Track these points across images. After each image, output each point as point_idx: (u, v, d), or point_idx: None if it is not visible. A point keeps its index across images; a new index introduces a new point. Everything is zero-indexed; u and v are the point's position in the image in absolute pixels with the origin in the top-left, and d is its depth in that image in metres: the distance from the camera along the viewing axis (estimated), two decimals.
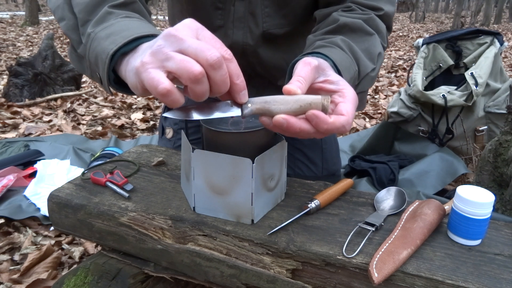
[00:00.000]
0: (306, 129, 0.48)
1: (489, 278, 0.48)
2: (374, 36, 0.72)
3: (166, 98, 0.43)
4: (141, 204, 0.63)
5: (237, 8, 0.82)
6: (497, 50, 1.62)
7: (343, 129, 0.49)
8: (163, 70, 0.43)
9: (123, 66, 0.51)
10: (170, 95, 0.42)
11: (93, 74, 0.59)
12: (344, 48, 0.64)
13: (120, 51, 0.50)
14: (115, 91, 0.57)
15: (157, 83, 0.42)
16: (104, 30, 0.55)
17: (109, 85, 0.54)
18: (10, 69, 2.62)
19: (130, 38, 0.50)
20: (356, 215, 0.61)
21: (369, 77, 0.69)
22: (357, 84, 0.66)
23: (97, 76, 0.57)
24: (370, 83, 0.71)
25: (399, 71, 4.06)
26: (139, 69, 0.44)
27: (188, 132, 0.99)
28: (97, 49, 0.54)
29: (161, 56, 0.43)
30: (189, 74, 0.41)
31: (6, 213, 1.22)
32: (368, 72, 0.68)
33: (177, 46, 0.43)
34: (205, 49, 0.42)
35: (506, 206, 1.14)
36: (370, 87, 0.72)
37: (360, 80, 0.67)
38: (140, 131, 2.19)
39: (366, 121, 2.38)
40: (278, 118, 0.47)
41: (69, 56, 0.67)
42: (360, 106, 0.71)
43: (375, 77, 0.72)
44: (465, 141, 1.61)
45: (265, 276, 0.54)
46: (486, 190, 0.54)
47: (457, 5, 11.02)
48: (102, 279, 0.66)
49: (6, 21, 9.72)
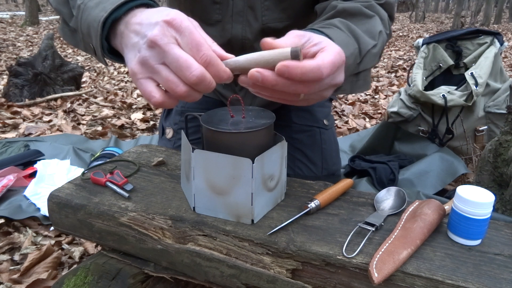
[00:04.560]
0: (282, 81, 0.46)
1: (489, 278, 0.48)
2: (375, 18, 0.70)
3: (161, 106, 0.48)
4: (141, 204, 0.63)
5: (236, 2, 0.81)
6: (497, 50, 1.62)
7: (319, 73, 0.46)
8: (153, 81, 0.47)
9: (117, 37, 0.52)
10: (163, 105, 0.47)
11: (86, 47, 0.59)
12: (341, 27, 0.63)
13: (111, 17, 0.51)
14: (110, 60, 0.58)
15: (149, 96, 0.47)
16: (93, 0, 0.55)
17: (103, 55, 0.55)
18: (10, 69, 2.62)
19: (118, 2, 0.51)
20: (356, 215, 0.61)
21: (371, 54, 0.67)
22: (359, 62, 0.64)
23: (91, 48, 0.57)
24: (373, 60, 0.69)
25: (399, 71, 4.06)
26: (133, 73, 0.47)
27: (188, 132, 0.99)
28: (88, 19, 0.54)
29: (148, 67, 0.46)
30: (176, 93, 0.46)
31: (6, 213, 1.22)
32: (369, 48, 0.66)
33: (161, 59, 0.46)
34: (184, 68, 0.44)
35: (506, 206, 1.14)
36: (374, 64, 0.70)
37: (362, 57, 0.65)
38: (140, 131, 2.19)
39: (366, 121, 2.38)
40: (252, 72, 0.46)
41: (61, 33, 0.67)
42: (364, 85, 0.70)
43: (378, 54, 0.69)
44: (465, 141, 1.61)
45: (265, 276, 0.54)
46: (486, 190, 0.54)
47: (457, 5, 11.02)
48: (102, 279, 0.66)
49: (6, 21, 9.72)
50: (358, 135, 1.96)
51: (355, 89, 0.69)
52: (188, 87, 0.45)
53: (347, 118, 2.44)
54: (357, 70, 0.66)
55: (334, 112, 2.54)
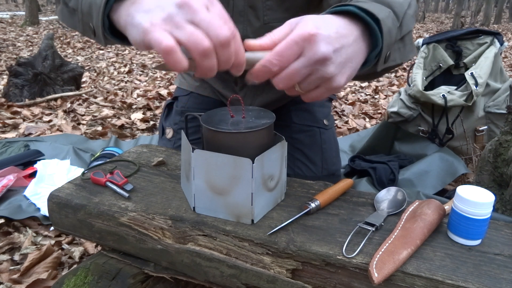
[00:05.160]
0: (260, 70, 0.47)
1: (489, 278, 0.48)
2: None
3: (169, 55, 0.43)
4: (141, 204, 0.63)
5: (237, 2, 0.81)
6: (497, 50, 1.62)
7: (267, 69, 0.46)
8: (171, 36, 0.43)
9: (122, 14, 0.50)
10: (173, 53, 0.43)
11: (85, 27, 0.59)
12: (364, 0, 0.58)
13: None
14: (110, 40, 0.56)
15: (162, 40, 0.42)
16: None
17: (104, 34, 0.54)
18: (10, 69, 2.62)
19: None
20: (356, 215, 0.61)
21: (408, 15, 0.62)
22: (399, 25, 0.59)
23: (91, 28, 0.56)
24: (412, 21, 0.64)
25: (399, 71, 4.06)
26: (147, 29, 0.44)
27: (188, 132, 0.99)
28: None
29: (172, 23, 0.43)
30: (198, 47, 0.42)
31: (6, 213, 1.22)
32: (405, 10, 0.61)
33: (190, 17, 0.43)
34: (217, 26, 0.42)
35: (506, 206, 1.14)
36: (413, 26, 0.66)
37: (400, 20, 0.60)
38: (140, 131, 2.19)
39: (366, 121, 2.38)
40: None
41: (60, 15, 0.66)
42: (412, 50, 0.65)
43: (414, 15, 0.65)
44: (465, 141, 1.61)
45: (265, 276, 0.54)
46: (486, 190, 0.54)
47: (457, 5, 11.03)
48: (102, 279, 0.66)
49: (6, 21, 9.72)
50: (358, 135, 1.96)
51: (405, 55, 0.63)
52: (212, 46, 0.43)
53: (347, 118, 2.44)
54: (400, 34, 0.61)
55: (334, 112, 2.54)
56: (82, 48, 5.45)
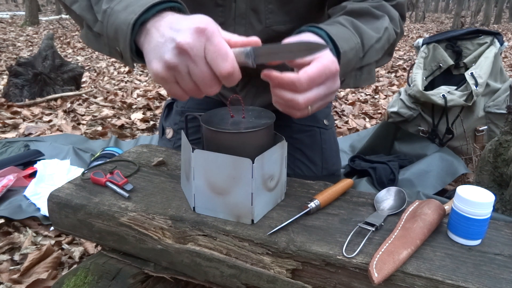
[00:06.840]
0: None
1: (489, 278, 0.48)
2: (383, 18, 0.71)
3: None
4: (141, 204, 0.63)
5: (239, 5, 0.81)
6: (497, 50, 1.62)
7: (293, 86, 0.52)
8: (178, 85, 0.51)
9: (146, 38, 0.53)
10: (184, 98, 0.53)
11: (111, 51, 0.60)
12: (344, 24, 0.65)
13: (140, 19, 0.52)
14: (138, 62, 0.58)
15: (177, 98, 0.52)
16: (120, 4, 0.56)
17: (132, 57, 0.55)
18: (10, 69, 2.62)
19: (148, 4, 0.52)
20: (356, 215, 0.61)
21: (375, 48, 0.69)
22: (362, 56, 0.66)
23: (117, 51, 0.57)
24: (377, 54, 0.71)
25: (399, 71, 4.06)
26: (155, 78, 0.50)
27: (188, 132, 0.99)
28: (115, 22, 0.55)
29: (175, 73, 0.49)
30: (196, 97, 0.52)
31: (6, 213, 1.22)
32: (373, 43, 0.68)
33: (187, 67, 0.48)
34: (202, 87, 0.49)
35: (506, 206, 1.14)
36: (379, 58, 0.72)
37: (365, 52, 0.67)
38: (140, 131, 2.19)
39: (366, 121, 2.38)
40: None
41: (84, 38, 0.67)
42: (368, 79, 0.71)
43: (382, 49, 0.71)
44: (465, 141, 1.61)
45: (265, 276, 0.54)
46: (486, 190, 0.54)
47: (457, 5, 11.02)
48: (102, 279, 0.66)
49: (6, 21, 9.72)
50: (358, 135, 1.96)
51: (359, 82, 0.70)
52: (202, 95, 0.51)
53: (347, 118, 2.44)
54: (360, 64, 0.67)
55: (334, 112, 2.54)
56: (82, 48, 5.45)
